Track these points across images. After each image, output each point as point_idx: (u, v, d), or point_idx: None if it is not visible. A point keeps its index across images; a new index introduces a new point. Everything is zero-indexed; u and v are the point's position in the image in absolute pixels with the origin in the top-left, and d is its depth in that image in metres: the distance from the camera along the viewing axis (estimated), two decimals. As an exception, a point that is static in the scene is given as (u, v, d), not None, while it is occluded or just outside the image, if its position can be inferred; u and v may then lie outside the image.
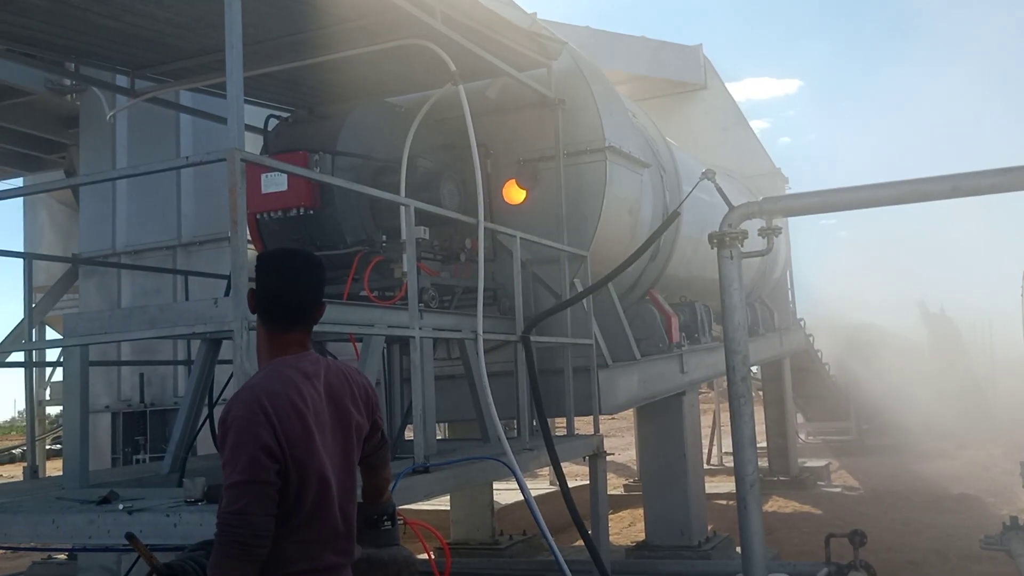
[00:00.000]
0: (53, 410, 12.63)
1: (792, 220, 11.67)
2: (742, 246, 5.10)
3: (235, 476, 2.38)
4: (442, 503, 8.62)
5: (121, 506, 3.50)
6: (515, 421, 5.72)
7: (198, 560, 2.68)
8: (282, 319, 2.67)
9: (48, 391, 9.86)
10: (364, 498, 3.04)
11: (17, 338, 7.35)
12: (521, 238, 5.61)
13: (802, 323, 14.52)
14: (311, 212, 5.14)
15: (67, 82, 8.00)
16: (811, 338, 15.08)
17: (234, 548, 2.34)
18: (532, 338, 5.52)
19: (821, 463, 15.05)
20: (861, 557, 6.76)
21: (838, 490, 13.35)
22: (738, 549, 7.66)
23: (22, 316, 7.91)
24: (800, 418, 16.95)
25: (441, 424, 7.24)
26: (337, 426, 2.64)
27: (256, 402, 2.44)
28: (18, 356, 5.63)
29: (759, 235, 6.22)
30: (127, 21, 4.84)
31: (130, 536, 2.75)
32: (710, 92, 14.01)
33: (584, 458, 6.25)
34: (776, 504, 11.94)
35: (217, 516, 2.38)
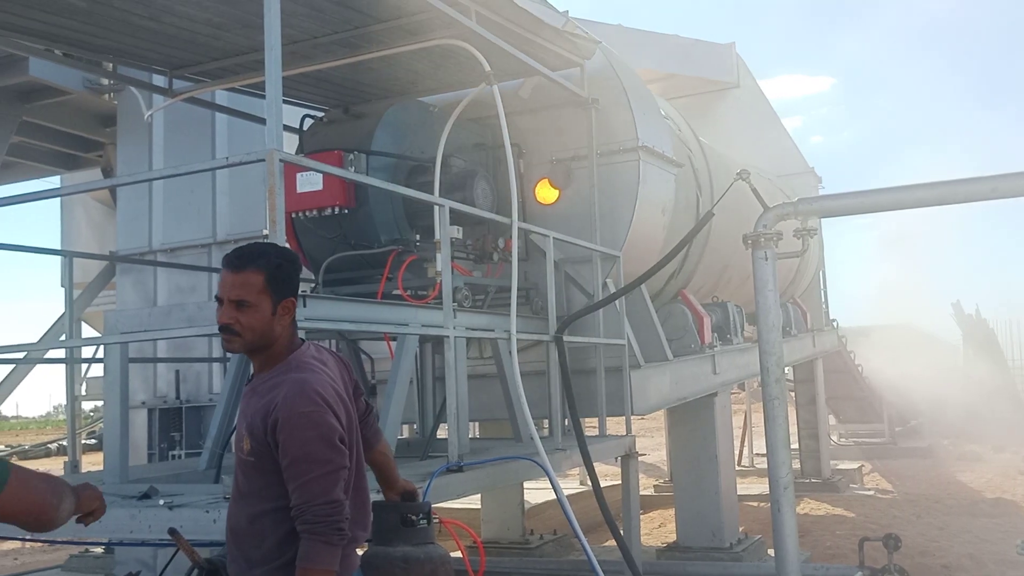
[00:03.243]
0: (88, 405, 12.82)
1: (825, 220, 11.55)
2: (776, 247, 5.06)
3: (321, 467, 2.40)
4: (473, 502, 8.63)
5: (162, 501, 3.55)
6: (546, 421, 5.72)
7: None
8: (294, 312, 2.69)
9: (84, 387, 10.02)
10: (379, 480, 3.08)
11: (56, 335, 7.48)
12: (554, 238, 5.60)
13: (835, 324, 14.37)
14: (346, 211, 5.17)
15: (105, 81, 8.12)
16: (844, 339, 14.91)
17: (336, 536, 2.39)
18: (565, 338, 5.51)
19: (854, 465, 14.88)
20: (895, 561, 6.69)
21: (871, 493, 13.19)
22: (770, 551, 7.61)
23: (59, 313, 8.08)
24: (832, 420, 16.77)
25: (472, 423, 7.25)
26: (352, 407, 2.69)
27: (316, 395, 2.46)
28: (55, 352, 5.73)
29: (794, 236, 6.17)
30: (166, 22, 4.90)
31: (172, 531, 2.79)
32: (742, 90, 13.89)
33: (616, 459, 6.23)
34: (808, 506, 11.82)
35: (304, 510, 2.38)
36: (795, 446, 12.45)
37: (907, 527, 10.00)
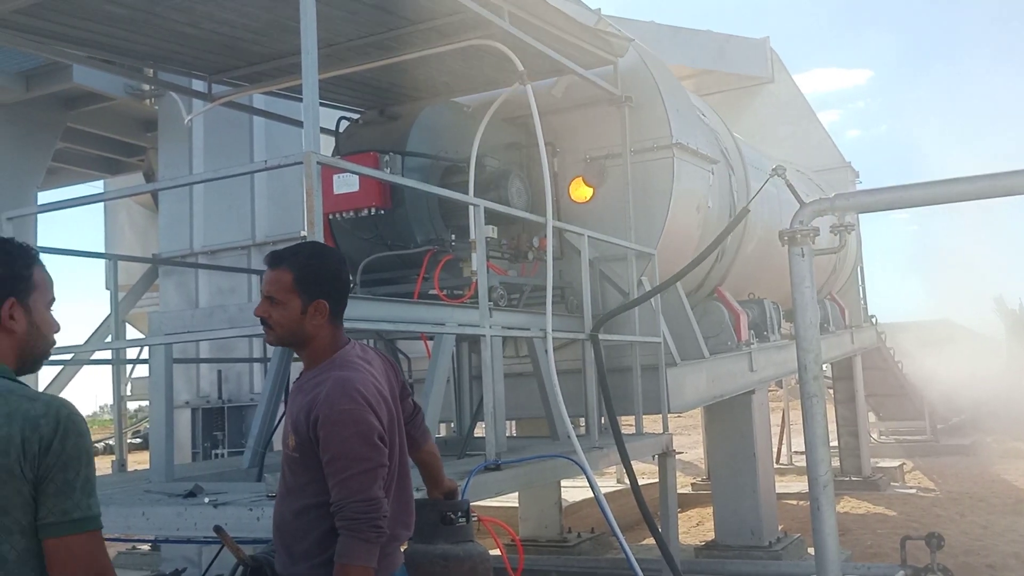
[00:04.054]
0: (133, 405, 13.06)
1: (863, 214, 11.40)
2: (813, 243, 5.01)
3: (359, 465, 2.43)
4: (510, 500, 8.66)
5: (207, 499, 3.62)
6: (583, 419, 5.72)
7: (281, 552, 2.76)
8: (343, 311, 2.72)
9: (129, 387, 10.22)
10: (424, 480, 3.11)
11: (101, 336, 7.65)
12: (589, 236, 5.60)
13: (873, 320, 14.17)
14: (382, 212, 5.22)
15: (146, 87, 8.26)
16: (883, 335, 14.71)
17: (373, 533, 2.41)
18: (600, 336, 5.51)
19: (894, 463, 14.68)
20: (939, 561, 6.59)
21: (912, 491, 12.99)
22: (810, 550, 7.54)
23: (104, 314, 8.25)
24: (872, 417, 16.54)
25: (509, 421, 7.29)
26: (396, 408, 2.71)
27: (357, 393, 2.49)
28: (101, 353, 5.86)
29: (831, 232, 6.11)
30: (206, 28, 4.99)
31: (218, 529, 2.83)
32: (777, 85, 13.77)
33: (653, 457, 6.22)
34: (848, 505, 11.68)
35: (342, 506, 2.42)
36: (834, 444, 12.30)
37: (950, 526, 9.84)
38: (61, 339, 2.04)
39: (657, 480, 6.31)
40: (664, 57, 7.59)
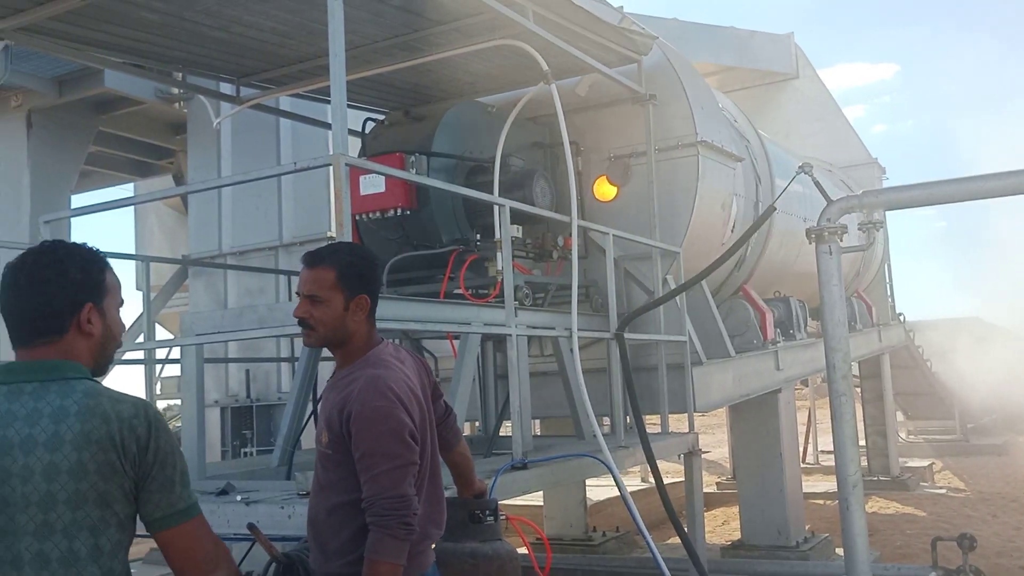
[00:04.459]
0: (161, 404, 13.20)
1: (889, 211, 11.29)
2: (841, 241, 4.98)
3: (390, 461, 2.45)
4: (535, 499, 8.68)
5: (239, 497, 3.67)
6: (607, 418, 5.72)
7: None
8: (376, 310, 2.76)
9: (159, 386, 10.36)
10: (456, 481, 3.13)
11: (132, 336, 7.75)
12: (613, 235, 5.61)
13: (901, 318, 14.03)
14: (408, 212, 5.25)
15: (175, 91, 8.37)
16: (911, 333, 14.55)
17: (402, 530, 2.43)
18: (626, 335, 5.51)
19: (924, 463, 14.52)
20: (971, 562, 6.52)
21: (942, 491, 12.85)
22: (838, 550, 7.49)
23: (134, 315, 8.36)
24: (900, 416, 16.37)
25: (534, 420, 7.30)
26: (427, 407, 2.74)
27: (390, 390, 2.52)
28: (132, 354, 5.94)
29: (859, 229, 6.06)
30: (235, 32, 5.05)
31: (251, 526, 2.86)
32: (802, 81, 13.67)
33: (679, 456, 6.21)
34: (876, 505, 11.58)
35: (372, 502, 2.44)
36: (861, 443, 12.19)
37: (982, 527, 9.73)
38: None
39: (680, 479, 6.30)
40: (688, 54, 7.57)
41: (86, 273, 1.89)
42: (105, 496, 1.74)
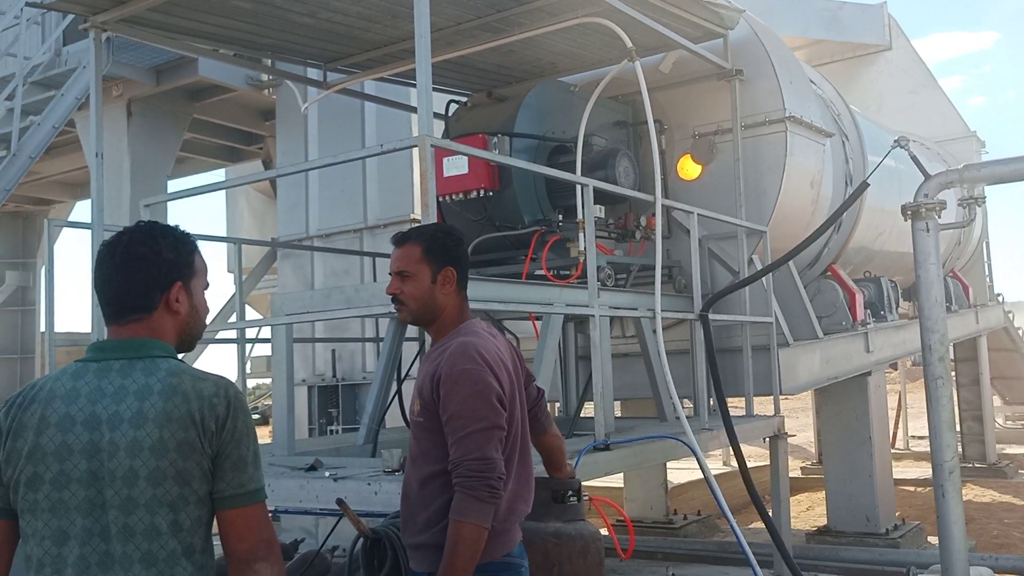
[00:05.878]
0: (250, 383, 13.67)
1: (988, 187, 10.80)
2: (939, 217, 4.78)
3: (476, 424, 2.46)
4: (615, 480, 8.66)
5: (327, 473, 3.78)
6: (690, 400, 5.66)
7: (399, 526, 2.85)
8: (466, 284, 2.78)
9: (249, 365, 10.72)
10: (546, 464, 3.14)
11: (224, 317, 8.04)
12: (698, 214, 5.51)
13: (1000, 298, 13.42)
14: (491, 193, 5.27)
15: (265, 77, 8.58)
16: (1011, 315, 13.91)
17: (486, 492, 2.43)
18: (710, 316, 5.43)
19: (1022, 450, 13.92)
20: (1074, 554, 6.24)
21: (1043, 480, 12.31)
22: (930, 539, 7.26)
23: (225, 296, 8.65)
24: (998, 401, 15.70)
25: (615, 402, 7.28)
26: (518, 384, 2.74)
27: (479, 355, 2.54)
28: (224, 333, 6.16)
29: (959, 205, 5.81)
30: (322, 17, 5.15)
31: (340, 502, 2.94)
32: (895, 52, 13.11)
33: (764, 439, 6.10)
34: (971, 492, 11.16)
35: (458, 464, 2.45)
36: (957, 428, 11.75)
37: (1086, 517, 9.29)
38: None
39: (763, 463, 6.19)
40: (775, 27, 7.34)
41: (177, 253, 1.95)
42: (184, 474, 1.78)
